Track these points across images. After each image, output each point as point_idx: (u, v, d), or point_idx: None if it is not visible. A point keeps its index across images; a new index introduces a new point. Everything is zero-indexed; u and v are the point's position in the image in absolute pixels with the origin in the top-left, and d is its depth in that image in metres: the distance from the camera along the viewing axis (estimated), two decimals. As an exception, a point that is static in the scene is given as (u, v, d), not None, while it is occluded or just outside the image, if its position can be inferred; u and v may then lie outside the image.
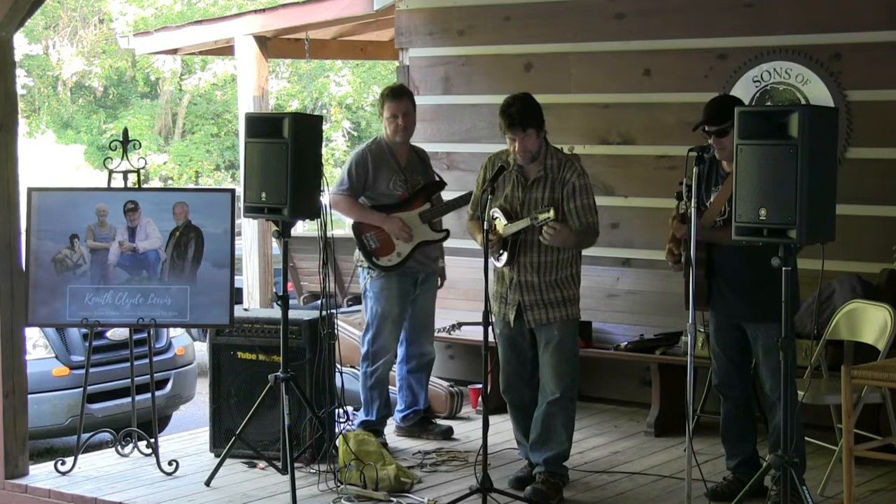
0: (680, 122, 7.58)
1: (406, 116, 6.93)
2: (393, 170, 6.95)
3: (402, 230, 6.86)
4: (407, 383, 7.20)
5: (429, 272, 7.09)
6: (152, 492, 6.23)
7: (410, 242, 6.90)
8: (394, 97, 6.93)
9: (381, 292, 6.96)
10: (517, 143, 5.94)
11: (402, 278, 6.97)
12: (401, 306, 6.99)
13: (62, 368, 8.32)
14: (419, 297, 7.09)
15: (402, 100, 6.94)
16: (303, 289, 10.93)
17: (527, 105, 5.96)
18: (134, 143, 6.91)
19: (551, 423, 6.05)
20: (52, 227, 6.54)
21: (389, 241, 6.91)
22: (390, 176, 6.93)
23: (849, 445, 5.21)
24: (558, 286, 6.02)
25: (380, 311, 6.97)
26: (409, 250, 6.92)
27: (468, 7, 8.43)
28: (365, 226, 6.94)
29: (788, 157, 4.79)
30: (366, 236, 6.93)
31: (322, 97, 23.88)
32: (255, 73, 9.44)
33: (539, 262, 6.00)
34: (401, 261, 6.92)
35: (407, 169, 6.98)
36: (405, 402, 7.23)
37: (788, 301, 5.01)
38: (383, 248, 6.92)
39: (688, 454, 5.50)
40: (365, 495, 6.03)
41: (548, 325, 6.02)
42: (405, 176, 6.96)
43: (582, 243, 6.07)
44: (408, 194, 6.96)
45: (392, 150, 6.98)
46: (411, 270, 6.99)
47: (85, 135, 25.33)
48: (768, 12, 7.33)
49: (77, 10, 24.94)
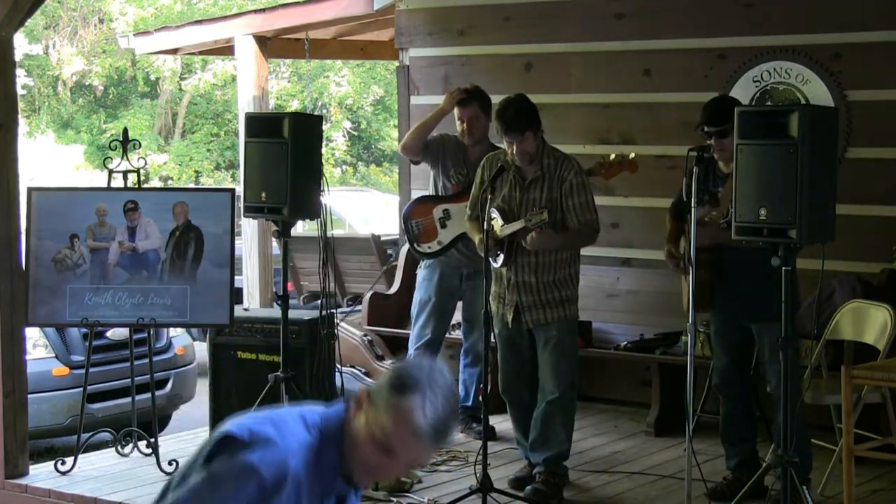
0: (680, 122, 7.57)
1: (471, 121, 6.96)
2: (458, 160, 7.03)
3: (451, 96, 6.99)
4: (462, 378, 7.26)
5: (477, 268, 7.07)
6: (152, 492, 6.17)
7: (450, 231, 6.95)
8: (461, 103, 6.98)
9: (423, 282, 7.15)
10: (515, 146, 5.94)
11: (446, 270, 7.07)
12: (440, 296, 7.08)
13: (62, 368, 8.31)
14: (467, 293, 7.14)
15: (469, 106, 6.97)
16: (303, 289, 10.93)
17: (522, 108, 5.95)
18: (134, 142, 6.92)
19: (551, 423, 6.05)
20: (52, 226, 6.54)
21: (433, 228, 7.01)
22: (455, 166, 7.03)
23: (849, 445, 5.21)
24: (556, 286, 6.01)
25: (418, 298, 7.16)
26: (451, 239, 6.99)
27: (468, 7, 8.43)
28: (414, 212, 7.08)
29: (788, 157, 4.79)
30: (412, 222, 7.08)
31: (322, 97, 23.89)
32: (255, 73, 9.44)
33: (537, 262, 5.99)
34: (441, 248, 7.01)
35: (472, 165, 6.99)
36: (458, 397, 7.25)
37: (789, 301, 5.01)
38: (426, 234, 7.05)
39: (688, 454, 5.50)
40: (365, 495, 6.03)
41: (546, 326, 6.02)
42: (467, 171, 6.98)
43: (574, 244, 6.04)
44: (461, 187, 6.99)
45: (465, 146, 7.04)
46: (456, 263, 7.05)
47: (85, 135, 25.33)
48: (768, 12, 7.33)
49: (77, 10, 24.93)
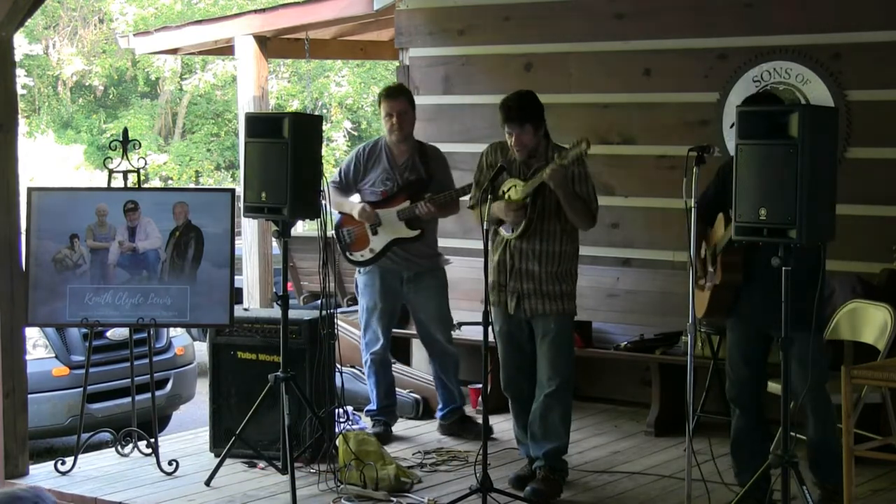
0: (680, 122, 7.59)
1: (401, 115, 6.96)
2: (384, 167, 7.01)
3: (366, 212, 6.95)
4: (441, 383, 7.26)
5: (417, 270, 7.10)
6: (152, 492, 6.23)
7: (382, 237, 6.98)
8: (388, 96, 7.01)
9: (365, 288, 7.17)
10: (514, 137, 6.00)
11: (385, 275, 7.09)
12: (384, 300, 7.10)
13: (62, 368, 8.31)
14: (411, 297, 7.14)
15: (397, 98, 6.99)
16: (303, 289, 10.93)
17: (527, 100, 6.03)
18: (134, 142, 6.92)
19: (549, 417, 6.07)
20: (52, 227, 6.54)
21: (364, 236, 7.04)
22: (379, 174, 7.02)
23: (849, 445, 5.21)
24: (557, 279, 6.04)
25: (364, 304, 7.19)
26: (382, 246, 7.00)
27: (468, 7, 8.43)
28: (344, 220, 7.11)
29: (788, 156, 4.79)
30: (342, 231, 7.12)
31: (322, 97, 23.88)
32: (255, 73, 9.44)
33: (541, 250, 6.01)
34: (373, 256, 7.03)
35: (399, 167, 7.01)
36: (443, 401, 7.29)
37: (788, 301, 5.00)
38: (358, 243, 7.08)
39: (688, 454, 5.50)
40: (365, 495, 6.03)
41: (544, 317, 6.04)
42: (395, 174, 7.01)
43: (576, 206, 5.97)
44: (390, 193, 6.98)
45: (390, 149, 7.03)
46: (394, 267, 7.05)
47: (85, 135, 25.33)
48: (768, 12, 7.33)
49: (77, 10, 24.93)
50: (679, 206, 5.62)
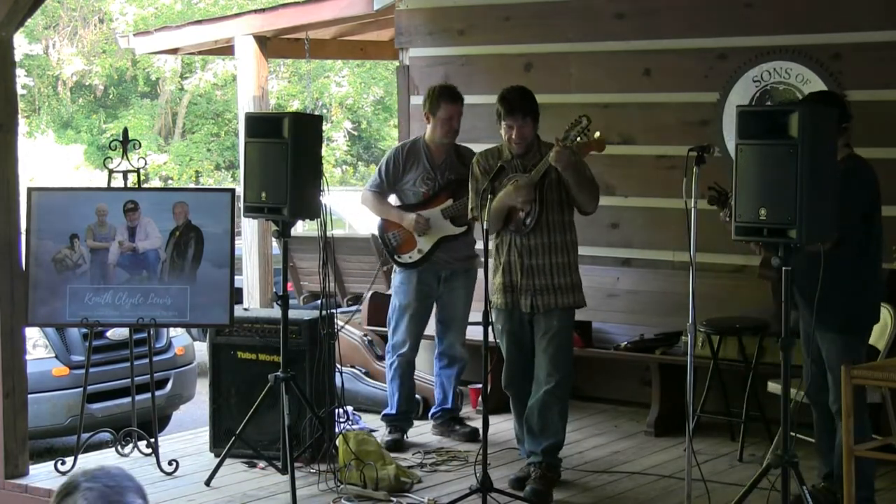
0: (680, 122, 7.59)
1: (459, 119, 6.98)
2: (424, 167, 7.00)
3: (419, 223, 6.91)
4: (439, 381, 7.26)
5: (455, 270, 7.07)
6: (152, 492, 6.22)
7: (429, 237, 6.95)
8: (452, 99, 6.94)
9: (401, 286, 7.08)
10: (515, 129, 6.01)
11: (423, 274, 7.04)
12: (419, 301, 7.04)
13: (62, 368, 8.31)
14: (444, 295, 7.12)
15: (458, 103, 6.97)
16: (303, 289, 10.92)
17: (526, 93, 6.10)
18: (134, 142, 6.92)
19: (548, 413, 6.07)
20: (52, 226, 6.54)
21: (411, 238, 6.99)
22: (419, 173, 7.00)
23: (849, 445, 5.20)
24: (567, 270, 6.07)
25: (398, 304, 7.10)
26: (430, 246, 6.97)
27: (468, 7, 8.43)
28: (388, 224, 7.06)
29: (788, 156, 4.78)
30: (388, 234, 7.05)
31: (322, 97, 23.89)
32: (255, 73, 9.44)
33: (550, 242, 6.04)
34: (422, 257, 6.99)
35: (439, 167, 6.99)
36: (437, 400, 7.29)
37: (789, 301, 5.00)
38: (405, 245, 7.02)
39: (688, 454, 5.50)
40: (365, 495, 6.03)
41: (552, 312, 6.04)
42: (435, 174, 6.99)
43: (586, 189, 6.00)
44: (432, 192, 6.98)
45: (428, 149, 7.03)
46: (434, 267, 7.03)
47: (85, 135, 25.34)
48: (768, 12, 7.33)
49: (77, 10, 24.93)
50: (679, 206, 5.62)
